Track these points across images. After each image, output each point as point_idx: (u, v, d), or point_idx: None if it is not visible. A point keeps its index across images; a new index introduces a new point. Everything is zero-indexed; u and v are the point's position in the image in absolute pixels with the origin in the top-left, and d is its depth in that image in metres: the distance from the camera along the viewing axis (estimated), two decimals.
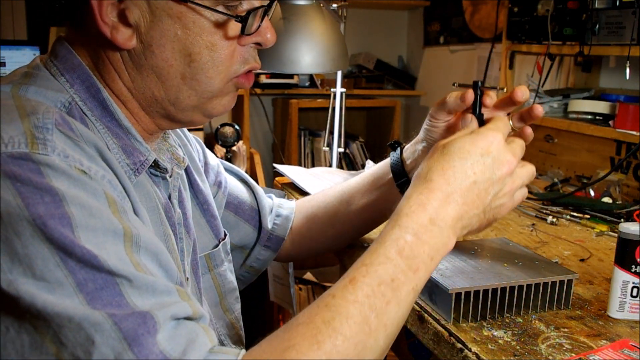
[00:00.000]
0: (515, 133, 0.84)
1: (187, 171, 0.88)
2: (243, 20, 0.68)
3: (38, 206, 0.53)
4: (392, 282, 0.63)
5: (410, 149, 0.96)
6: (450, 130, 0.87)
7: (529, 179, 0.74)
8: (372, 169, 1.02)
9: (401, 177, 0.96)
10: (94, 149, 0.62)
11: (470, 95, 0.79)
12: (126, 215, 0.59)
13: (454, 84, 0.87)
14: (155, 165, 0.74)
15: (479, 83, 0.78)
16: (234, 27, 0.69)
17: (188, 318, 0.57)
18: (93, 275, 0.53)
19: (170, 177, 0.78)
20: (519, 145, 0.73)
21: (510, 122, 0.82)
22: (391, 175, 0.97)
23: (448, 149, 0.70)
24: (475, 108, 0.78)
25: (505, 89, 0.81)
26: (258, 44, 0.74)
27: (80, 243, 0.53)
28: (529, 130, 0.82)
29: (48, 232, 0.53)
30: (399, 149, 0.98)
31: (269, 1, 0.71)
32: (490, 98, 0.79)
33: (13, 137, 0.56)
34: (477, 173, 0.68)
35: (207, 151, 1.01)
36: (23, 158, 0.55)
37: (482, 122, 0.77)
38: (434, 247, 0.66)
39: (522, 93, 0.78)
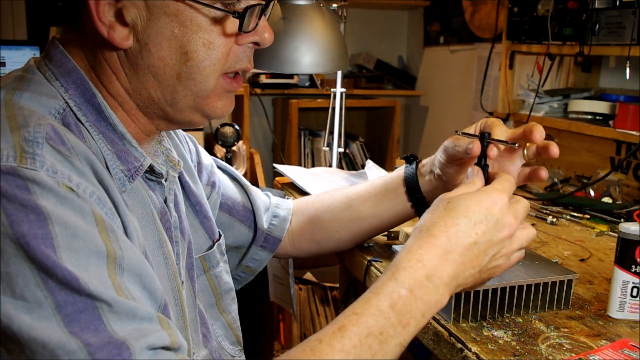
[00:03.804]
0: (529, 164, 0.83)
1: (180, 172, 0.88)
2: (240, 16, 0.68)
3: (22, 224, 0.53)
4: (380, 335, 0.62)
5: (428, 167, 0.95)
6: (464, 166, 0.87)
7: (527, 243, 0.74)
8: (383, 178, 1.01)
9: (415, 193, 0.95)
10: (85, 162, 0.61)
11: (476, 148, 0.78)
12: (113, 235, 0.58)
13: (456, 132, 0.84)
14: (151, 170, 0.74)
15: (486, 135, 0.78)
16: (231, 25, 0.69)
17: (166, 348, 0.57)
18: (73, 297, 0.52)
19: (165, 181, 0.78)
20: (523, 207, 0.72)
21: (525, 151, 0.82)
22: (404, 188, 0.96)
23: (454, 204, 0.70)
24: (481, 159, 0.78)
25: (517, 145, 0.80)
26: (256, 43, 0.74)
27: (62, 264, 0.53)
28: (544, 173, 0.81)
29: (30, 251, 0.52)
30: (414, 163, 0.97)
31: (266, 0, 0.71)
32: (494, 151, 0.77)
33: (2, 150, 0.55)
34: (478, 234, 0.68)
35: (201, 150, 1.00)
36: (10, 173, 0.54)
37: (487, 174, 0.77)
38: (427, 304, 0.66)
39: (540, 135, 0.78)
